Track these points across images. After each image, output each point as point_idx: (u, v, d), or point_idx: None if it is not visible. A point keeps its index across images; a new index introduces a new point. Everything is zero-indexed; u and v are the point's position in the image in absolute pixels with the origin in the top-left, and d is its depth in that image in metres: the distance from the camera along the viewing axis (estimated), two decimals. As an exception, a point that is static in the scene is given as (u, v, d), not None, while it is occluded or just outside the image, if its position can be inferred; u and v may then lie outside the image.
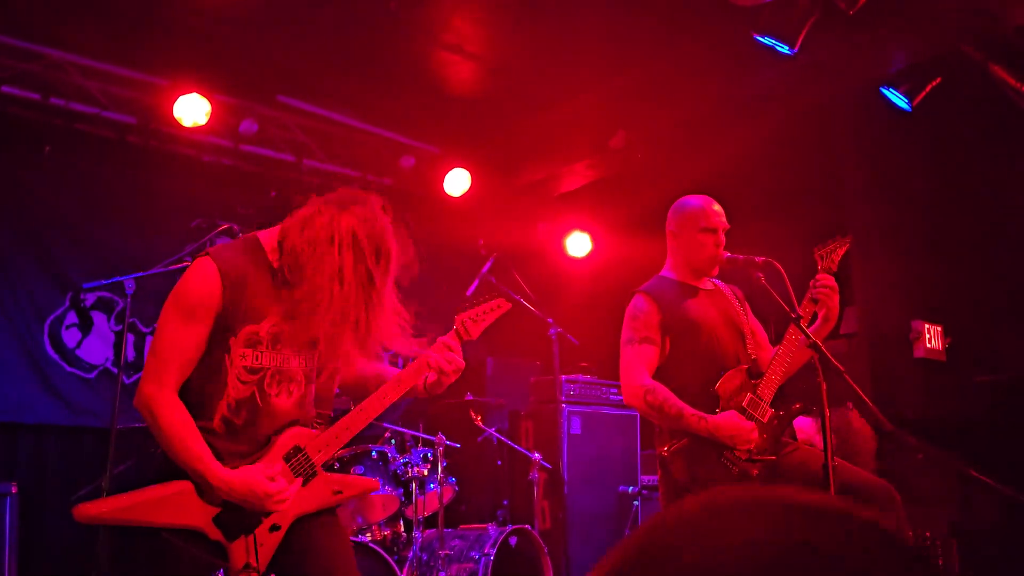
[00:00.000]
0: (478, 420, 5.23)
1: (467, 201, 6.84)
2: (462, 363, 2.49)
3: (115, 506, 2.13)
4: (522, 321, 6.31)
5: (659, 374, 3.05)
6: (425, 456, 4.76)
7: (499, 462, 5.83)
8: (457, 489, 5.02)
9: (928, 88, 4.99)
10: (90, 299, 5.49)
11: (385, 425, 4.89)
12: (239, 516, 2.19)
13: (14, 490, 4.26)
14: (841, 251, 3.08)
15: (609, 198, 7.22)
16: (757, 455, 2.86)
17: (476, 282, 5.73)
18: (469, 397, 5.22)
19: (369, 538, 4.55)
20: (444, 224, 7.14)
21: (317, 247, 2.18)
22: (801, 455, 2.89)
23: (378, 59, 5.67)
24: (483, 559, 4.59)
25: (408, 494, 4.66)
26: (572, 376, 5.91)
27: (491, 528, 4.85)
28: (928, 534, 5.75)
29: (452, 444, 4.87)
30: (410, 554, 4.60)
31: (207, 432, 2.19)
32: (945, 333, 6.75)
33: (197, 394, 2.21)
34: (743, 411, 2.91)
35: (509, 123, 6.52)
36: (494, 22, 5.40)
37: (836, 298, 2.95)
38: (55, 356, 5.35)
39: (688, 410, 2.88)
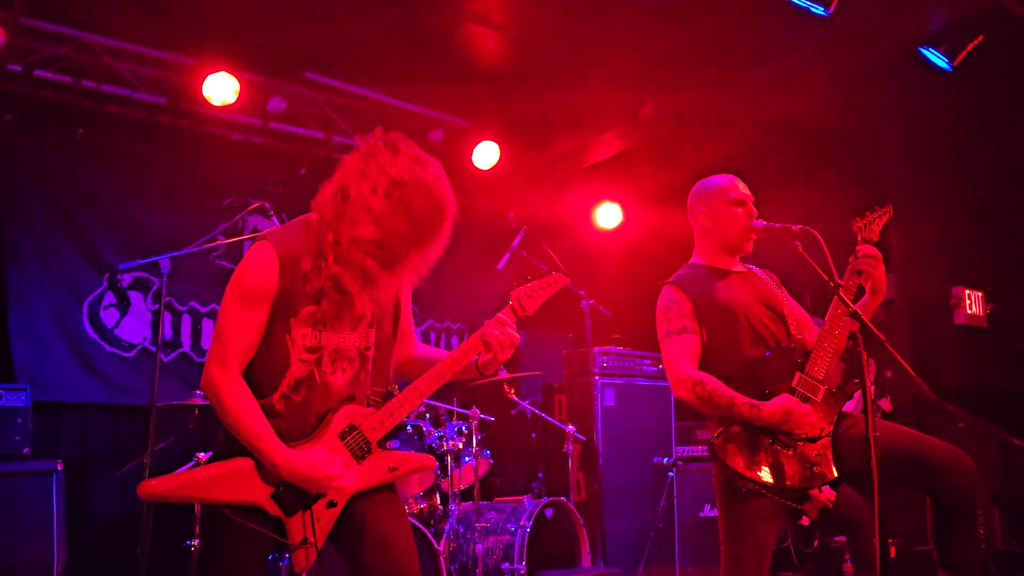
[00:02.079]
0: (511, 393, 5.23)
1: (496, 174, 6.80)
2: (516, 336, 2.47)
3: (178, 483, 2.17)
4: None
5: (702, 362, 2.95)
6: (460, 430, 4.78)
7: (533, 435, 5.84)
8: (492, 462, 5.04)
9: (969, 47, 4.84)
10: (127, 279, 5.56)
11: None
12: (297, 492, 2.23)
13: (60, 467, 4.35)
14: (882, 221, 2.98)
15: (640, 168, 7.13)
16: (815, 435, 2.78)
17: (507, 255, 5.71)
18: (503, 372, 5.21)
19: (406, 511, 4.58)
20: (473, 198, 7.11)
21: (344, 213, 2.19)
22: (862, 429, 2.78)
23: (404, 32, 5.61)
24: (519, 531, 4.61)
25: (443, 467, 4.69)
26: (605, 348, 5.89)
27: (526, 500, 4.87)
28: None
29: (486, 417, 4.89)
30: (446, 527, 4.64)
31: (267, 410, 2.23)
32: (987, 299, 6.62)
33: (260, 373, 2.25)
34: (793, 392, 2.80)
35: (537, 94, 6.43)
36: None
37: (881, 267, 2.86)
38: (95, 336, 5.43)
39: (740, 398, 2.78)
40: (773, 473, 2.73)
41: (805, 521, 3.52)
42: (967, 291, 6.50)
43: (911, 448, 2.73)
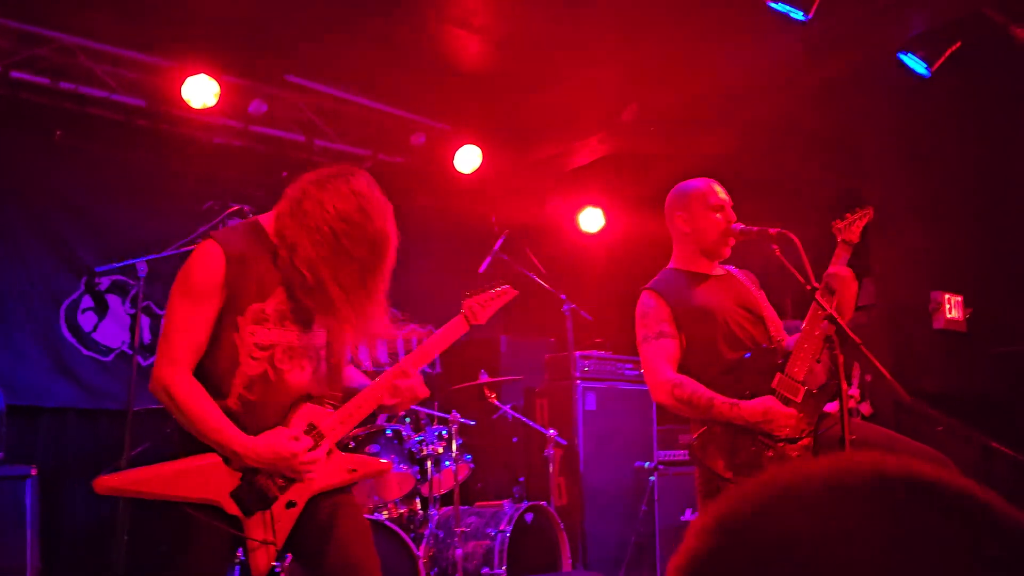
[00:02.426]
0: (492, 398, 5.22)
1: (478, 178, 6.79)
2: (423, 391, 2.49)
3: (134, 478, 2.18)
4: (535, 298, 6.28)
5: (682, 366, 2.96)
6: (440, 434, 4.76)
7: (514, 439, 5.82)
8: (473, 467, 5.03)
9: (947, 53, 4.88)
10: (105, 283, 5.52)
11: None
12: (256, 492, 2.22)
13: (33, 472, 4.29)
14: (862, 223, 3.00)
15: (622, 173, 7.15)
16: (795, 436, 2.78)
17: (488, 259, 5.70)
18: (484, 376, 5.20)
19: (385, 516, 4.56)
20: (456, 201, 7.11)
21: (306, 225, 2.23)
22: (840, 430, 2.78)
23: (386, 36, 5.61)
24: (499, 536, 4.60)
25: (423, 472, 4.67)
26: (586, 352, 5.88)
27: (507, 505, 4.86)
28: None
29: (467, 422, 4.87)
30: (426, 531, 4.62)
31: (225, 411, 2.22)
32: (966, 303, 6.66)
33: (212, 374, 2.24)
34: (774, 393, 2.81)
35: (519, 98, 6.44)
36: (502, -5, 5.32)
37: (854, 287, 2.88)
38: (72, 340, 5.38)
39: (719, 399, 2.79)
40: (751, 474, 2.72)
41: None
42: (947, 295, 6.54)
43: (885, 449, 2.74)
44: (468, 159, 6.62)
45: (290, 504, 2.27)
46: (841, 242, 2.92)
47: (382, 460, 2.65)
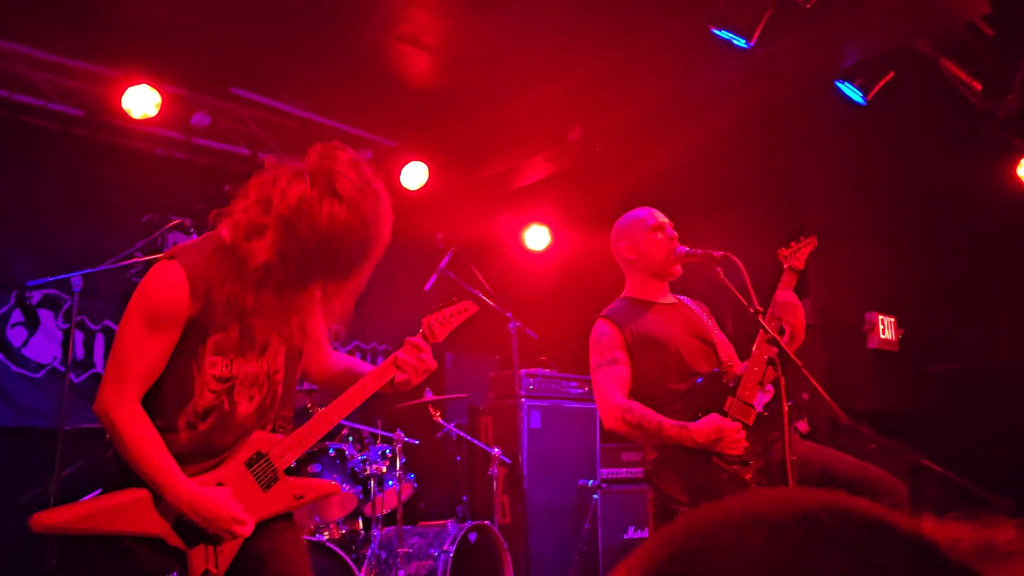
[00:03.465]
0: (437, 416, 5.19)
1: (425, 195, 6.78)
2: (433, 363, 2.44)
3: (73, 515, 2.07)
4: (481, 315, 6.25)
5: (634, 394, 2.99)
6: (383, 453, 4.71)
7: (458, 458, 5.79)
8: (416, 486, 4.98)
9: (882, 82, 5.05)
10: (36, 296, 5.33)
11: (343, 422, 4.83)
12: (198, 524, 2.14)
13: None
14: (807, 250, 3.09)
15: (569, 191, 7.21)
16: (747, 458, 2.82)
17: (434, 277, 5.67)
18: (429, 395, 5.17)
19: (327, 537, 4.49)
20: (402, 218, 7.05)
21: (256, 231, 2.07)
22: (797, 451, 2.83)
23: (333, 50, 5.57)
24: (442, 556, 4.56)
25: (366, 492, 4.61)
26: (531, 370, 5.89)
27: (450, 524, 4.82)
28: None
29: (410, 441, 4.83)
30: (368, 552, 4.55)
31: (170, 439, 2.12)
32: (898, 324, 6.87)
33: (163, 402, 2.13)
34: (725, 415, 2.85)
35: (467, 116, 6.46)
36: (450, 13, 5.34)
37: (801, 315, 2.94)
38: (0, 356, 5.18)
39: (668, 422, 2.82)
40: (706, 497, 2.76)
41: None
42: (880, 316, 6.74)
43: (821, 467, 2.80)
44: (415, 176, 6.60)
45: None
46: (787, 269, 2.99)
47: (331, 482, 2.58)
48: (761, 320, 2.74)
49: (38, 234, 5.41)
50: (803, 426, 6.26)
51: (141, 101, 5.23)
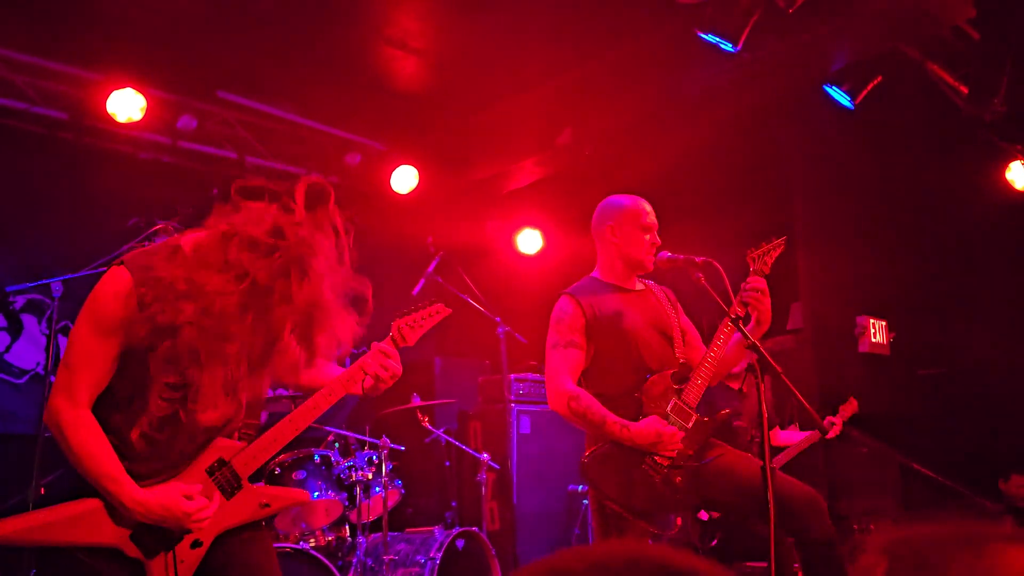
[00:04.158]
0: (425, 422, 5.15)
1: (415, 198, 6.75)
2: (399, 369, 2.40)
3: (24, 526, 2.00)
4: (470, 320, 6.24)
5: (585, 378, 3.02)
6: (370, 459, 4.67)
7: (447, 463, 5.76)
8: (403, 492, 4.95)
9: (870, 86, 5.04)
10: (20, 301, 5.30)
11: (328, 429, 4.80)
12: (157, 533, 2.10)
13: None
14: (776, 253, 3.07)
15: (560, 194, 7.19)
16: (680, 462, 2.83)
17: (422, 281, 5.65)
18: (416, 400, 5.13)
19: (312, 544, 4.45)
20: (393, 222, 7.04)
21: (221, 246, 2.03)
22: (728, 460, 2.87)
23: (321, 54, 5.55)
24: (429, 563, 4.53)
25: (352, 498, 4.58)
26: (521, 375, 5.87)
27: (437, 531, 4.79)
28: (872, 527, 5.83)
29: (396, 447, 4.80)
30: (354, 559, 4.52)
31: (125, 450, 2.07)
32: (889, 328, 6.86)
33: (115, 412, 2.09)
34: (666, 417, 2.88)
35: (456, 119, 6.44)
36: (438, 17, 5.32)
37: (767, 301, 2.92)
38: (-19, 361, 5.15)
39: (611, 417, 2.85)
40: (636, 496, 2.78)
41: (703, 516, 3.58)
42: (871, 320, 6.73)
43: (746, 479, 2.78)
44: (404, 179, 6.58)
45: (196, 544, 2.15)
46: (753, 271, 2.98)
47: (300, 490, 2.53)
48: (741, 327, 2.72)
49: (22, 239, 5.37)
50: (795, 431, 6.24)
51: (126, 105, 5.20)
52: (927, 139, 5.91)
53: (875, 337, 6.69)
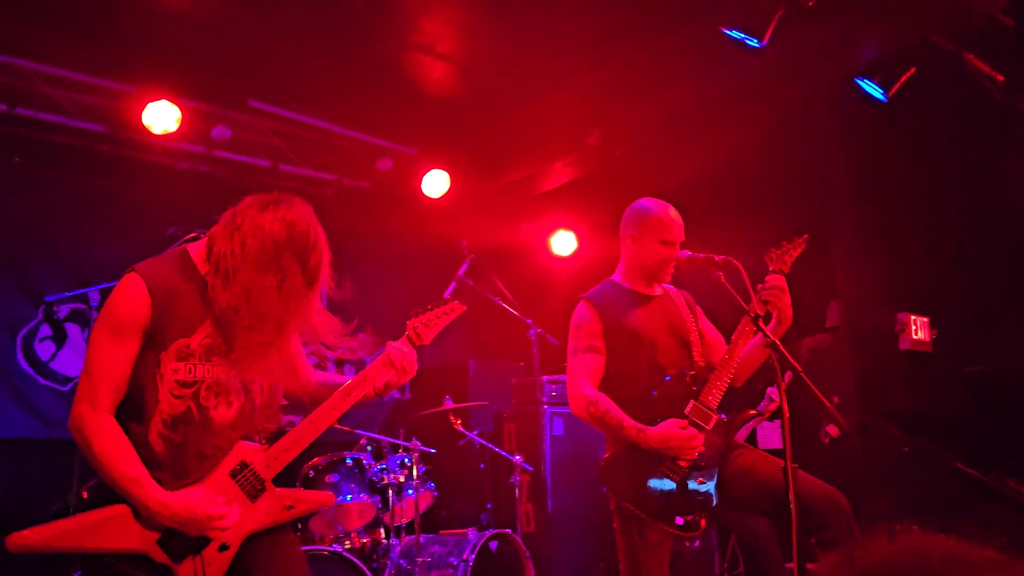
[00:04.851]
0: (458, 424, 5.18)
1: (447, 202, 6.79)
2: (414, 368, 2.45)
3: (50, 533, 2.05)
4: (504, 322, 6.26)
5: (604, 382, 3.01)
6: (402, 462, 4.71)
7: (482, 465, 5.78)
8: (436, 494, 4.97)
9: (903, 79, 4.94)
10: (64, 311, 5.44)
11: (360, 432, 4.84)
12: (184, 537, 2.14)
13: (-20, 507, 4.21)
14: (796, 252, 3.04)
15: (594, 196, 7.16)
16: (702, 463, 2.81)
17: (453, 284, 5.68)
18: (449, 403, 5.16)
19: (347, 546, 4.50)
20: (425, 226, 7.10)
21: (242, 252, 2.15)
22: (747, 460, 2.84)
23: (350, 61, 5.61)
24: (462, 565, 4.55)
25: (385, 501, 4.62)
26: (554, 377, 5.86)
27: (470, 533, 4.81)
28: (915, 527, 5.70)
29: (427, 449, 4.83)
30: (388, 561, 4.56)
31: (147, 457, 2.13)
32: (932, 324, 6.70)
33: (132, 414, 2.15)
34: (685, 419, 2.86)
35: (486, 122, 6.46)
36: (465, 21, 5.35)
37: (786, 298, 2.88)
38: (29, 370, 5.30)
39: (628, 422, 2.85)
40: (654, 498, 2.77)
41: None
42: (912, 316, 6.58)
43: (766, 480, 2.75)
44: (436, 183, 6.62)
45: (223, 547, 2.19)
46: (772, 272, 2.95)
47: (325, 492, 2.56)
48: (761, 325, 2.69)
49: (64, 250, 5.53)
50: (833, 430, 6.14)
51: (161, 116, 5.31)
52: (968, 131, 5.76)
53: (916, 334, 6.54)
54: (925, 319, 6.66)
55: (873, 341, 6.41)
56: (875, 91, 4.96)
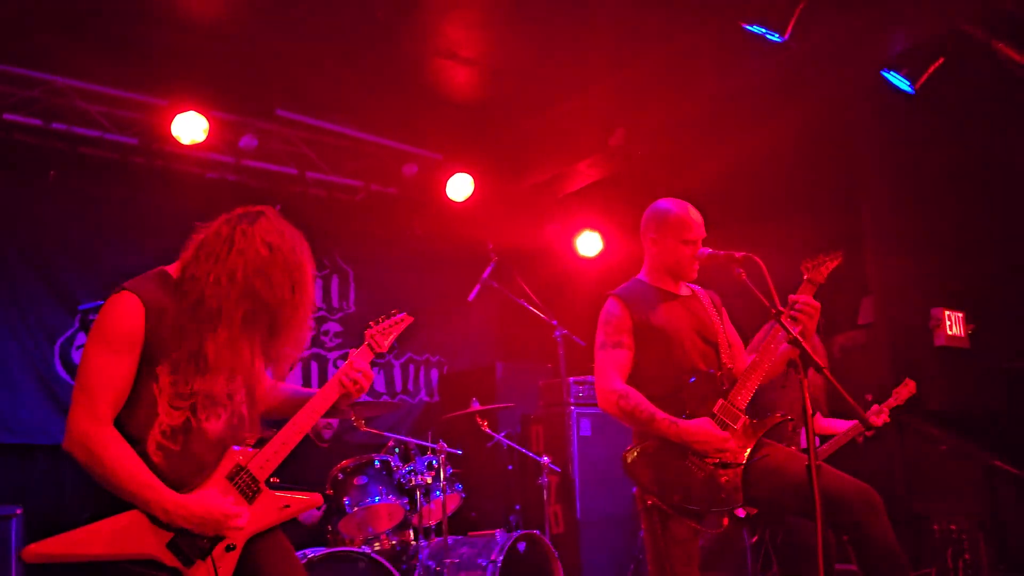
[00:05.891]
0: (485, 426, 5.19)
1: (473, 205, 6.82)
2: (371, 373, 2.57)
3: (68, 542, 2.10)
4: (529, 324, 6.27)
5: (631, 379, 3.01)
6: (430, 464, 4.74)
7: (510, 467, 5.79)
8: (464, 496, 4.99)
9: (931, 70, 4.86)
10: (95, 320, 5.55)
11: (387, 435, 4.88)
12: (194, 540, 2.19)
13: (19, 512, 4.31)
14: (831, 265, 3.01)
15: (619, 196, 7.14)
16: (729, 460, 2.80)
17: (477, 287, 5.70)
18: (476, 405, 5.18)
19: (377, 548, 4.54)
20: (451, 230, 7.13)
21: (213, 269, 2.24)
22: (775, 460, 2.82)
23: (375, 68, 5.67)
24: (490, 566, 4.56)
25: (413, 503, 4.65)
26: (580, 378, 5.85)
27: (499, 534, 4.82)
28: (954, 527, 5.59)
29: (453, 451, 4.85)
30: (417, 563, 4.58)
31: (146, 463, 2.17)
32: (969, 320, 6.57)
33: (130, 425, 2.19)
34: (713, 418, 2.85)
35: (509, 125, 6.48)
36: (486, 26, 5.38)
37: (814, 324, 2.87)
38: (67, 377, 5.42)
39: (660, 414, 2.85)
40: (679, 492, 2.79)
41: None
42: (947, 312, 6.46)
43: (795, 477, 2.72)
44: (460, 187, 6.65)
45: (230, 548, 2.25)
46: (806, 281, 2.93)
47: (315, 494, 2.61)
48: (783, 322, 2.67)
49: (98, 260, 5.64)
50: (866, 431, 6.04)
51: (189, 127, 5.40)
52: (1001, 123, 5.65)
53: (951, 330, 6.43)
54: (960, 314, 6.54)
55: (907, 338, 6.31)
56: (902, 83, 4.89)
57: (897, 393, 4.72)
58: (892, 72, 4.88)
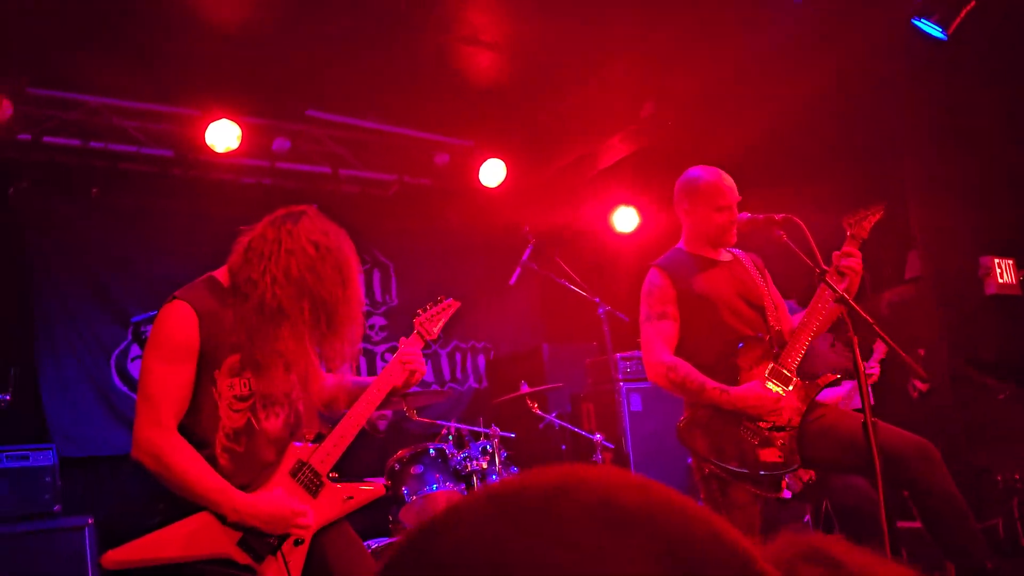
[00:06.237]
0: (535, 408, 5.22)
1: (506, 190, 6.82)
2: (423, 361, 2.61)
3: (141, 548, 2.19)
4: (572, 304, 6.27)
5: (678, 349, 3.00)
6: (484, 449, 4.78)
7: (563, 447, 5.81)
8: (520, 478, 5.02)
9: (963, 13, 4.74)
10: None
11: (440, 423, 4.93)
12: (263, 537, 2.25)
13: (90, 522, 4.43)
14: (873, 219, 2.97)
15: (652, 169, 7.08)
16: (781, 424, 2.79)
17: (518, 270, 5.71)
18: (524, 387, 5.21)
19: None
20: (485, 216, 7.15)
21: (269, 269, 2.28)
22: (829, 420, 2.80)
23: (399, 61, 5.68)
24: (551, 546, 4.58)
25: (470, 488, 4.69)
26: (627, 354, 5.84)
27: (557, 514, 4.84)
28: (1018, 476, 5.49)
29: (506, 434, 4.88)
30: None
31: (213, 467, 2.24)
32: (1019, 265, 6.42)
33: (195, 431, 2.25)
34: (765, 381, 2.84)
35: (537, 106, 6.45)
36: (505, 8, 5.35)
37: (858, 280, 2.84)
38: (124, 388, 5.56)
39: (710, 383, 2.85)
40: (735, 458, 2.78)
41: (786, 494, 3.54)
42: (996, 260, 6.32)
43: (850, 435, 2.70)
44: (493, 173, 6.65)
45: (298, 542, 2.32)
46: (850, 236, 2.90)
47: (379, 483, 2.66)
48: (828, 280, 2.64)
49: (144, 271, 5.76)
50: (920, 383, 5.96)
51: (222, 135, 5.48)
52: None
53: (1002, 277, 6.28)
54: (1010, 260, 6.39)
55: (957, 288, 6.19)
56: (934, 30, 4.77)
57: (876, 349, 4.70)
58: (923, 19, 4.76)
